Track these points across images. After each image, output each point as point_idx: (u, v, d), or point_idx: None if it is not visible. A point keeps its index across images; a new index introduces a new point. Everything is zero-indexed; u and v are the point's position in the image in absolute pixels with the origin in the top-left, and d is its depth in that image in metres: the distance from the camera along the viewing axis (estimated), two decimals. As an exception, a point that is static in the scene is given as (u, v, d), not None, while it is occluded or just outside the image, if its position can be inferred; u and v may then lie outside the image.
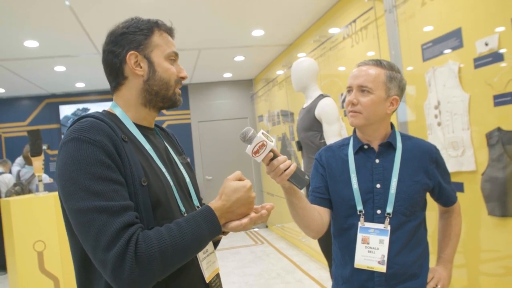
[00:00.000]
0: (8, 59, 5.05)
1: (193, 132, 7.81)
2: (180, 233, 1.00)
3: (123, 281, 0.93)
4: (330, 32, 4.25)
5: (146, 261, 0.94)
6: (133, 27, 1.19)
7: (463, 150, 2.48)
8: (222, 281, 1.29)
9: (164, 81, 1.19)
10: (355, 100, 1.55)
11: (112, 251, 0.92)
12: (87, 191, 0.97)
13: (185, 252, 1.00)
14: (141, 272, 0.93)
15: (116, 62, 1.18)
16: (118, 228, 0.95)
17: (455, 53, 2.50)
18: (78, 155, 0.99)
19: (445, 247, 1.69)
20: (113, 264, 0.92)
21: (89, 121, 1.05)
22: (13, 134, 7.22)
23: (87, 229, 0.96)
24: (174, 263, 0.99)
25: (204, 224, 1.04)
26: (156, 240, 0.97)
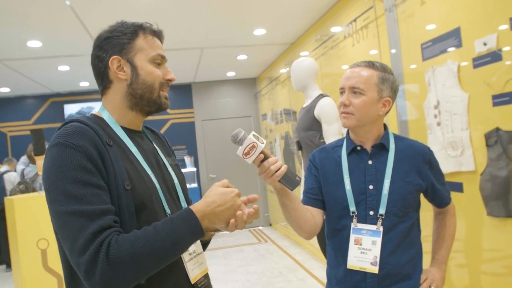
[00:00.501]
0: (12, 59, 5.09)
1: (197, 131, 7.83)
2: (155, 234, 1.00)
3: (95, 284, 0.94)
4: (331, 31, 4.24)
5: (118, 263, 0.95)
6: (117, 31, 1.19)
7: (462, 150, 2.47)
8: (225, 279, 1.29)
9: (147, 85, 1.19)
10: (347, 102, 1.55)
11: (85, 254, 0.94)
12: (66, 195, 0.98)
13: (161, 253, 1.00)
14: (113, 274, 0.94)
15: (101, 67, 1.19)
16: (94, 232, 0.96)
17: (454, 52, 2.49)
18: (60, 160, 1.01)
19: (439, 248, 1.69)
20: (86, 267, 0.94)
21: (74, 126, 1.07)
22: (19, 133, 7.27)
23: (66, 232, 0.98)
24: (149, 265, 0.99)
25: (183, 225, 1.04)
26: (129, 242, 0.97)
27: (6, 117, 7.27)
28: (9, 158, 6.64)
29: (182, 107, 7.83)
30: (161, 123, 7.71)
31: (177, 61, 6.04)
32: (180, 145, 7.76)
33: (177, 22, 4.36)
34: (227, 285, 4.65)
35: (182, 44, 5.22)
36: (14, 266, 3.99)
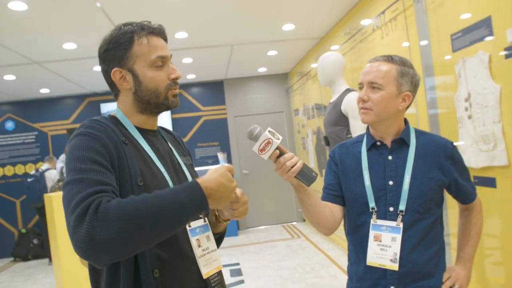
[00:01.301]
0: (50, 61, 5.29)
1: (230, 127, 7.89)
2: (152, 196, 0.99)
3: (80, 239, 0.91)
4: (360, 24, 4.17)
5: (106, 219, 0.92)
6: (113, 42, 1.20)
7: (495, 144, 2.38)
8: (258, 274, 1.30)
9: (152, 90, 1.21)
10: (365, 97, 1.53)
11: (75, 212, 0.94)
12: (74, 169, 1.02)
13: (155, 216, 0.96)
14: (99, 227, 0.91)
15: (107, 78, 1.24)
16: (88, 193, 0.96)
17: (486, 42, 2.40)
18: (77, 146, 1.06)
19: (464, 246, 1.64)
20: (73, 223, 0.93)
21: (93, 120, 1.14)
22: (58, 132, 7.55)
23: (65, 199, 1.00)
24: (142, 224, 0.94)
25: (185, 192, 1.02)
26: (122, 202, 0.96)
27: (46, 117, 7.57)
28: (49, 157, 6.92)
29: (214, 103, 7.90)
30: (194, 120, 7.81)
31: (208, 58, 6.11)
32: (213, 142, 7.84)
33: (206, 20, 4.40)
34: (259, 281, 4.68)
35: (212, 41, 5.26)
36: (54, 260, 4.17)
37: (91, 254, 0.91)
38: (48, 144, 7.56)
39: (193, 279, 1.19)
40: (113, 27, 1.24)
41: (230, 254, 5.95)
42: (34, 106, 7.53)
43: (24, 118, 7.51)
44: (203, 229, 1.27)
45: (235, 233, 7.31)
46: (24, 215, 7.42)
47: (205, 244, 1.24)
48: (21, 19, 3.77)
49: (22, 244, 7.01)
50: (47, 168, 6.63)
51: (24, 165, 7.49)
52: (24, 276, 6.05)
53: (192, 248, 1.21)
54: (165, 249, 1.13)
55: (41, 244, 7.00)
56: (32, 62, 5.21)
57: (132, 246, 0.94)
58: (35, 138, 7.53)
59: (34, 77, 6.03)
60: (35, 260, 6.99)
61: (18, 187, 7.35)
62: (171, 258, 1.15)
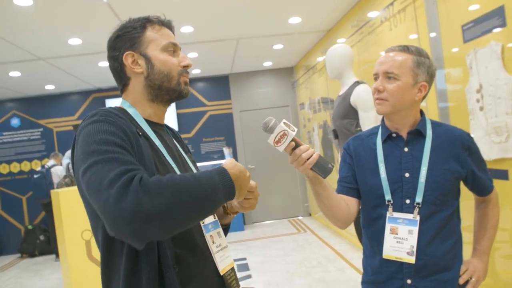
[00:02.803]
0: (55, 57, 5.27)
1: (235, 122, 7.86)
2: (190, 175, 0.97)
3: (126, 209, 0.86)
4: (368, 16, 4.13)
5: (154, 190, 0.89)
6: (126, 27, 1.20)
7: (507, 136, 2.35)
8: (264, 269, 1.28)
9: (164, 74, 1.19)
10: (381, 87, 1.50)
11: (114, 187, 0.89)
12: (97, 152, 0.97)
13: (197, 191, 0.94)
14: (146, 199, 0.87)
15: (117, 66, 1.21)
16: (125, 169, 0.92)
17: (498, 33, 2.36)
18: (96, 131, 1.01)
19: (481, 239, 1.61)
20: (116, 195, 0.87)
21: (108, 109, 1.10)
22: (64, 128, 7.56)
23: (94, 178, 0.93)
24: (185, 199, 0.92)
25: (217, 175, 1.01)
26: (165, 177, 0.94)
27: (52, 113, 7.56)
28: (55, 153, 6.93)
29: (219, 98, 7.88)
30: (199, 115, 7.80)
31: (214, 52, 6.08)
32: (218, 137, 7.82)
33: (212, 14, 4.37)
34: (265, 275, 4.68)
35: (217, 35, 5.23)
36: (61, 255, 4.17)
37: (137, 227, 0.87)
38: (54, 141, 7.57)
39: (210, 276, 1.18)
40: (119, 23, 1.23)
41: (237, 249, 5.94)
42: (39, 103, 7.53)
43: (29, 114, 7.52)
44: (214, 226, 1.26)
45: (241, 227, 7.30)
46: (30, 212, 7.44)
47: (218, 241, 1.23)
48: (26, 14, 3.76)
49: (28, 241, 7.04)
50: (53, 165, 6.64)
51: (30, 162, 7.50)
52: (31, 272, 6.07)
53: (205, 245, 1.19)
54: (181, 246, 1.11)
55: (47, 240, 7.02)
56: (38, 58, 5.19)
57: (176, 221, 0.92)
58: (41, 135, 7.53)
59: (39, 74, 6.03)
60: (41, 256, 7.02)
61: (24, 183, 7.37)
62: (187, 255, 1.13)
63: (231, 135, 7.86)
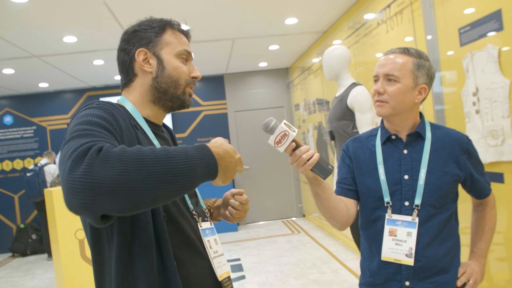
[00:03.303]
0: (49, 55, 5.23)
1: (230, 122, 7.85)
2: (162, 148, 0.89)
3: (76, 178, 0.79)
4: (364, 18, 4.14)
5: (109, 158, 0.81)
6: (145, 25, 1.20)
7: (503, 139, 2.37)
8: (258, 270, 1.27)
9: (173, 79, 1.19)
10: (381, 89, 1.50)
11: (72, 156, 0.82)
12: (77, 130, 0.92)
13: (165, 164, 0.85)
14: (100, 167, 0.79)
15: (127, 60, 1.20)
16: (85, 142, 0.86)
17: (495, 36, 2.38)
18: (86, 114, 0.99)
19: (478, 241, 1.62)
20: (70, 165, 0.81)
21: (105, 101, 1.09)
22: (58, 127, 7.50)
23: (62, 154, 0.87)
24: (148, 171, 0.83)
25: (195, 150, 0.93)
26: (129, 148, 0.86)
27: (45, 112, 7.51)
28: (48, 151, 6.88)
29: (214, 98, 7.86)
30: (194, 114, 7.78)
31: (209, 52, 6.06)
32: (213, 137, 7.74)
33: (208, 13, 4.36)
34: (260, 276, 4.67)
35: (213, 35, 5.22)
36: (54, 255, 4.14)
37: (88, 197, 0.77)
38: (47, 139, 7.51)
39: (207, 276, 1.18)
40: (115, 21, 1.22)
41: (230, 249, 5.93)
42: (33, 101, 7.47)
43: (22, 112, 7.45)
44: (211, 232, 1.26)
45: (235, 228, 7.29)
46: (22, 210, 7.38)
47: (214, 247, 1.23)
48: (21, 11, 3.72)
49: (20, 239, 6.98)
50: (46, 163, 6.59)
51: (22, 160, 7.44)
52: (23, 272, 6.02)
53: (204, 248, 1.19)
54: (179, 247, 1.11)
55: (39, 239, 6.97)
56: (32, 55, 5.15)
57: (135, 195, 0.81)
58: (34, 133, 7.48)
59: (33, 71, 5.98)
60: (33, 256, 6.97)
61: (17, 182, 7.31)
62: (185, 256, 1.13)
63: (226, 135, 7.84)
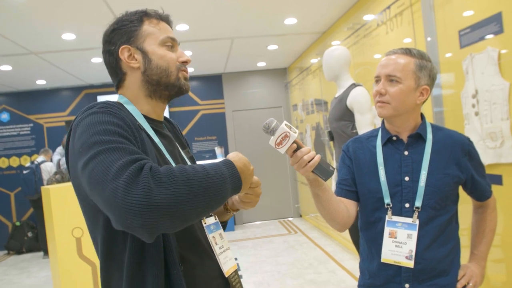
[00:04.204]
0: (47, 52, 5.21)
1: (228, 122, 7.84)
2: (198, 165, 0.95)
3: (136, 201, 0.81)
4: (364, 19, 4.14)
5: (165, 178, 0.85)
6: (122, 21, 1.17)
7: (502, 141, 2.37)
8: (255, 269, 1.26)
9: (162, 68, 1.16)
10: (383, 90, 1.50)
11: (122, 176, 0.84)
12: (99, 142, 0.92)
13: (207, 182, 0.91)
14: (157, 189, 0.83)
15: (112, 60, 1.17)
16: (132, 159, 0.88)
17: (495, 39, 2.38)
18: (97, 121, 0.97)
19: (478, 244, 1.62)
20: (125, 185, 0.82)
21: (107, 102, 1.06)
22: (54, 124, 7.47)
23: (97, 169, 0.87)
24: (196, 190, 0.89)
25: (224, 166, 0.99)
26: (173, 167, 0.90)
27: (42, 109, 7.47)
28: (45, 149, 6.85)
29: (212, 98, 7.85)
30: (192, 114, 7.76)
31: (208, 51, 6.05)
32: (210, 136, 7.80)
33: (207, 12, 4.35)
34: (256, 276, 4.66)
35: (212, 34, 5.21)
36: (50, 253, 4.11)
37: (148, 219, 0.82)
38: (44, 136, 7.47)
39: (215, 277, 1.16)
40: (114, 19, 1.20)
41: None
42: (30, 98, 7.43)
43: (19, 109, 7.42)
44: (216, 227, 1.24)
45: (232, 228, 7.28)
46: (18, 208, 7.35)
47: (220, 242, 1.21)
48: (20, 7, 3.70)
49: (16, 237, 6.95)
50: (43, 161, 6.56)
51: (19, 157, 7.41)
52: (18, 270, 5.99)
53: (209, 246, 1.18)
54: (185, 246, 1.10)
55: (35, 237, 6.94)
56: (30, 52, 5.12)
57: (188, 212, 0.88)
58: (31, 130, 7.44)
59: (31, 68, 5.95)
60: (29, 253, 6.93)
61: (13, 179, 7.28)
62: (191, 255, 1.11)
63: (223, 135, 7.84)
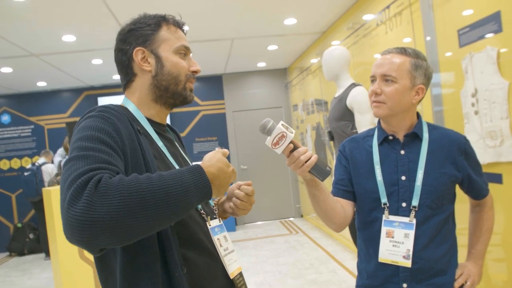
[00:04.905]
0: (48, 54, 5.22)
1: (228, 122, 7.84)
2: (157, 175, 0.92)
3: (75, 215, 0.80)
4: (363, 19, 4.14)
5: (107, 192, 0.83)
6: (140, 23, 1.18)
7: (502, 140, 2.36)
8: (256, 270, 1.26)
9: (173, 76, 1.17)
10: (378, 90, 1.49)
11: (72, 187, 0.84)
12: (79, 147, 0.94)
13: (162, 194, 0.88)
14: (99, 203, 0.81)
15: (125, 60, 1.18)
16: (88, 169, 0.87)
17: (494, 38, 2.37)
18: (87, 126, 1.00)
19: (475, 242, 1.61)
20: (70, 197, 0.82)
21: (108, 106, 1.08)
22: (55, 126, 7.48)
23: (63, 176, 0.89)
24: (146, 204, 0.85)
25: (189, 174, 0.95)
26: (126, 178, 0.88)
27: (43, 111, 7.48)
28: (46, 150, 6.86)
29: (213, 98, 7.85)
30: (192, 114, 7.77)
31: (208, 52, 6.05)
32: (211, 137, 7.80)
33: (207, 13, 4.35)
34: (258, 276, 4.66)
35: (212, 35, 5.21)
36: (52, 254, 4.12)
37: (86, 234, 0.80)
38: (45, 138, 7.49)
39: (220, 278, 1.17)
40: (114, 20, 1.20)
41: (229, 249, 5.91)
42: (30, 99, 7.44)
43: (20, 111, 7.43)
44: (220, 229, 1.24)
45: (233, 228, 7.28)
46: (20, 210, 7.36)
47: (224, 244, 1.21)
48: (20, 9, 3.70)
49: (17, 239, 6.96)
50: (44, 162, 6.57)
51: (20, 159, 7.42)
52: (20, 271, 6.00)
53: (213, 247, 1.18)
54: (189, 248, 1.10)
55: (37, 238, 6.95)
56: (30, 54, 5.14)
57: (133, 228, 0.84)
58: (32, 132, 7.46)
59: (31, 70, 5.96)
60: (31, 255, 6.94)
61: (14, 181, 7.29)
62: (196, 257, 1.11)
63: (224, 135, 7.84)
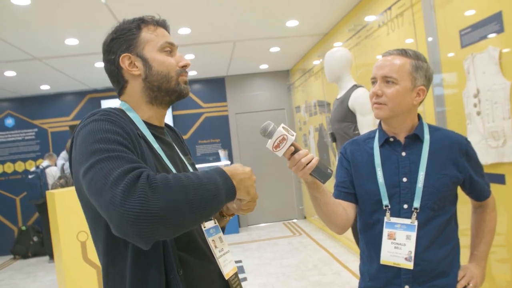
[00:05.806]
0: (51, 57, 5.24)
1: (231, 124, 7.85)
2: (193, 174, 0.97)
3: (133, 209, 0.83)
4: (365, 20, 4.14)
5: (159, 187, 0.87)
6: (120, 30, 1.19)
7: (504, 140, 2.35)
8: (259, 272, 1.26)
9: (163, 74, 1.18)
10: (379, 92, 1.49)
11: (120, 184, 0.86)
12: (99, 150, 0.94)
13: (201, 190, 0.93)
14: (154, 197, 0.85)
15: (114, 69, 1.19)
16: (130, 167, 0.90)
17: (496, 38, 2.37)
18: (97, 129, 0.99)
19: (478, 244, 1.61)
20: (122, 194, 0.85)
21: (109, 109, 1.08)
22: (59, 129, 7.51)
23: (97, 177, 0.90)
24: (192, 198, 0.91)
25: (218, 175, 1.01)
26: (169, 175, 0.92)
27: (47, 114, 7.51)
28: (50, 154, 6.89)
29: (215, 100, 7.86)
30: (195, 116, 7.78)
31: (210, 54, 6.06)
32: (214, 139, 7.81)
33: (209, 16, 4.36)
34: (261, 278, 4.66)
35: (215, 37, 5.22)
36: (56, 257, 4.14)
37: (144, 228, 0.84)
38: (48, 141, 7.52)
39: (215, 279, 1.17)
40: (116, 23, 1.21)
41: (232, 251, 5.88)
42: (34, 103, 7.47)
43: (24, 114, 7.46)
44: (215, 231, 1.24)
45: (236, 230, 7.28)
46: (24, 212, 7.39)
47: (220, 245, 1.22)
48: (23, 13, 3.73)
49: (22, 242, 6.98)
50: (48, 165, 6.60)
51: (24, 162, 7.45)
52: (24, 274, 6.02)
53: (208, 249, 1.18)
54: (184, 249, 1.10)
55: (41, 241, 6.97)
56: (34, 58, 5.16)
57: (184, 220, 0.90)
58: (35, 135, 7.49)
59: (35, 73, 5.99)
60: (35, 258, 6.97)
61: (18, 184, 7.32)
62: (191, 259, 1.12)
63: (227, 138, 7.85)
